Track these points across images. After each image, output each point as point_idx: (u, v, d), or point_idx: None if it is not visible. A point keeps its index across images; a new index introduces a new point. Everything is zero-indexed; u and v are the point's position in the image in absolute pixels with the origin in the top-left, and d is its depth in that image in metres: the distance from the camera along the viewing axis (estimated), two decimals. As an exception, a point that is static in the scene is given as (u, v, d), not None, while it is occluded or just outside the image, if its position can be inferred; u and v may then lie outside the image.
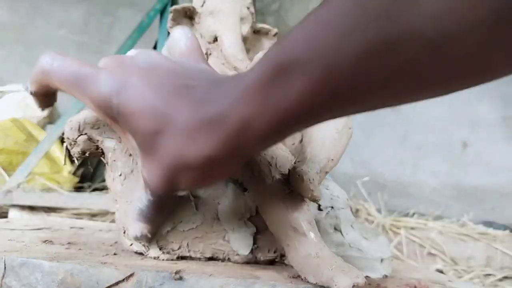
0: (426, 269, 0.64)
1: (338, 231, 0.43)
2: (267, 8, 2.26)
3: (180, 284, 0.32)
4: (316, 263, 0.33)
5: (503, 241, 1.31)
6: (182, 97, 0.29)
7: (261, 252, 0.41)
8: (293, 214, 0.37)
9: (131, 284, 0.32)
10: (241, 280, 0.32)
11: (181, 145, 0.29)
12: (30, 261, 0.33)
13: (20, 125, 1.62)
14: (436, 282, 0.45)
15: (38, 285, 0.32)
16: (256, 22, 0.54)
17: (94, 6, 2.19)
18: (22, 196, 1.18)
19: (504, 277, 1.21)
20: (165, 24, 1.48)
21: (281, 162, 0.39)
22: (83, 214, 1.27)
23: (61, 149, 1.57)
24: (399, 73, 0.23)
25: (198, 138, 0.28)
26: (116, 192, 0.40)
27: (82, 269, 0.32)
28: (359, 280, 0.30)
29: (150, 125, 0.29)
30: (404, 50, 0.22)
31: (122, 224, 0.40)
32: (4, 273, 0.33)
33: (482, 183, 1.93)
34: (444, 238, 1.32)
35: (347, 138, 0.43)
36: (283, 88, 0.25)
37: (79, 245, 0.42)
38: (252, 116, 0.27)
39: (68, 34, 2.17)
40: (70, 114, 1.29)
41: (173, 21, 0.51)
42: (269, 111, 0.26)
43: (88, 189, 1.59)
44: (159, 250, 0.39)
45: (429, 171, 2.01)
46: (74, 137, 0.41)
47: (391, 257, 0.43)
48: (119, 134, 0.34)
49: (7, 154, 1.51)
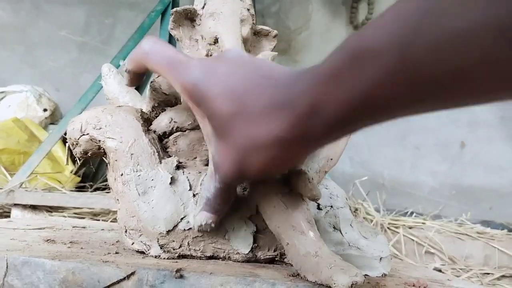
0: (424, 268, 0.64)
1: (337, 230, 0.43)
2: (267, 9, 2.26)
3: (181, 282, 0.33)
4: (316, 262, 0.34)
5: (501, 240, 1.31)
6: (262, 85, 0.31)
7: (261, 251, 0.41)
8: (292, 213, 0.37)
9: (132, 283, 0.33)
10: (241, 278, 0.33)
11: (254, 126, 0.30)
12: (32, 259, 0.33)
13: (22, 125, 1.62)
14: (435, 280, 0.45)
15: (40, 284, 0.33)
16: (256, 24, 0.54)
17: (95, 7, 2.19)
18: (24, 195, 1.18)
19: (502, 276, 1.21)
20: (166, 25, 1.48)
21: (280, 162, 0.40)
22: (85, 214, 1.28)
23: (63, 149, 1.57)
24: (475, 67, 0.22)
25: (270, 120, 0.30)
26: (118, 192, 0.40)
27: (84, 268, 0.33)
28: (358, 278, 0.30)
29: (228, 107, 0.31)
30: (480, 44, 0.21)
31: (124, 223, 0.40)
32: (6, 272, 0.33)
33: (480, 182, 1.93)
34: (442, 237, 1.32)
35: (346, 138, 0.43)
36: (355, 75, 0.25)
37: (81, 244, 0.43)
38: (321, 102, 0.27)
39: (69, 35, 2.17)
40: (72, 114, 1.29)
41: (174, 23, 0.51)
42: (339, 98, 0.27)
43: (90, 188, 1.59)
44: (160, 249, 0.39)
45: (427, 171, 2.01)
46: (76, 137, 0.41)
47: (390, 255, 0.43)
48: (198, 119, 0.36)
49: (9, 154, 1.52)
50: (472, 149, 1.98)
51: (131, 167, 0.39)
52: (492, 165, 1.92)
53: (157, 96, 0.43)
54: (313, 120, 0.28)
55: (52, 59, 2.15)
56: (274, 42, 0.55)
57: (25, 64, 2.13)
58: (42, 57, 2.14)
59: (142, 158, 0.40)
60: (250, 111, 0.31)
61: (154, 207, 0.39)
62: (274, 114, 0.30)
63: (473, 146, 1.98)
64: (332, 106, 0.27)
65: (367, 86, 0.25)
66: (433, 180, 2.00)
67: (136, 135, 0.40)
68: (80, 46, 2.17)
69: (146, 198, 0.39)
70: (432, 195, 1.98)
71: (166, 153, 0.43)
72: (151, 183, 0.39)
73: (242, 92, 0.31)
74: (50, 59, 2.15)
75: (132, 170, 0.39)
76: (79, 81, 2.06)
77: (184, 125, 0.42)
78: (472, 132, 1.98)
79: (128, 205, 0.39)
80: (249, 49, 0.53)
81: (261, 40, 0.55)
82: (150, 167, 0.40)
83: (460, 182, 1.96)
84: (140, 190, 0.39)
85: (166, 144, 0.43)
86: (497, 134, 1.95)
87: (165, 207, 0.39)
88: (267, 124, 0.30)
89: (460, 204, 1.89)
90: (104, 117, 0.41)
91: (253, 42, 0.54)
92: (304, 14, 2.23)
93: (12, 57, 2.12)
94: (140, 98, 0.50)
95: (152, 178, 0.39)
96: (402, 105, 0.26)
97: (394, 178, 2.02)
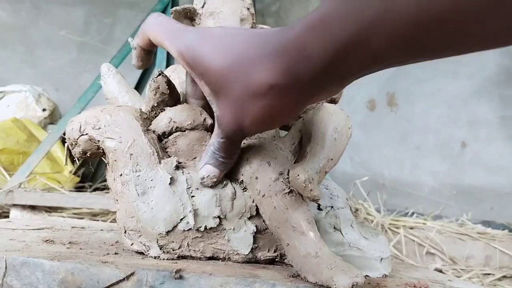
0: (425, 269, 0.64)
1: (338, 230, 0.43)
2: (267, 9, 2.26)
3: (181, 283, 0.32)
4: (316, 263, 0.33)
5: (502, 241, 1.31)
6: (253, 39, 0.32)
7: (261, 252, 0.41)
8: (292, 214, 0.37)
9: (131, 283, 0.32)
10: (241, 279, 0.32)
11: (247, 77, 0.31)
12: (31, 260, 0.33)
13: (21, 125, 1.62)
14: (436, 281, 0.45)
15: (39, 284, 0.33)
16: (256, 23, 0.54)
17: (95, 7, 2.19)
18: (24, 195, 1.18)
19: (503, 276, 1.21)
20: (165, 24, 1.48)
21: (281, 162, 0.39)
22: (84, 214, 1.28)
23: (62, 149, 1.57)
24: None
25: (262, 69, 0.31)
26: (117, 192, 0.40)
27: (83, 268, 0.32)
28: (359, 279, 0.30)
29: (220, 61, 0.32)
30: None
31: (123, 224, 0.40)
32: (5, 272, 0.33)
33: (480, 183, 1.93)
34: (443, 237, 1.32)
35: (346, 138, 0.43)
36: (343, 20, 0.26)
37: (80, 245, 0.42)
38: (310, 47, 0.28)
39: (69, 35, 2.17)
40: (71, 114, 1.29)
41: (174, 22, 0.51)
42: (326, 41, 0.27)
43: (89, 188, 1.59)
44: (160, 250, 0.39)
45: (428, 171, 2.01)
46: (76, 137, 0.41)
47: (391, 256, 0.43)
48: (198, 83, 0.37)
49: (8, 154, 1.52)
50: (472, 149, 1.98)
51: (131, 167, 0.39)
52: (492, 165, 1.92)
53: (157, 96, 0.43)
54: (303, 65, 0.29)
55: (52, 59, 2.15)
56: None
57: (25, 64, 2.13)
58: (42, 57, 2.14)
59: (142, 158, 0.39)
60: (243, 62, 0.32)
61: (154, 208, 0.38)
62: (266, 63, 0.31)
63: (473, 146, 1.98)
64: (321, 50, 0.28)
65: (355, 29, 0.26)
66: (434, 180, 2.00)
67: (136, 135, 0.40)
68: (79, 46, 2.17)
69: (145, 198, 0.39)
70: (433, 195, 1.98)
71: (165, 153, 0.42)
72: (151, 183, 0.39)
73: (234, 47, 0.32)
74: (50, 59, 2.15)
75: (131, 170, 0.39)
76: (78, 81, 2.06)
77: (183, 125, 0.42)
78: (472, 132, 1.98)
79: (127, 205, 0.39)
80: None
81: (261, 39, 0.55)
82: (149, 167, 0.39)
83: (460, 182, 1.96)
84: (139, 190, 0.39)
85: (165, 144, 0.43)
86: (497, 134, 1.94)
87: (164, 208, 0.38)
88: (260, 72, 0.31)
89: (460, 204, 1.89)
90: (103, 117, 0.41)
91: (253, 42, 0.54)
92: (304, 13, 2.22)
93: (12, 57, 2.13)
94: (139, 98, 0.49)
95: (151, 178, 0.39)
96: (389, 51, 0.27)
97: (394, 178, 2.02)
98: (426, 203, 1.89)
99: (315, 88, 0.31)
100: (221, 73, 0.33)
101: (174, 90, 0.44)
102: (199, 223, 0.39)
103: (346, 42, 0.27)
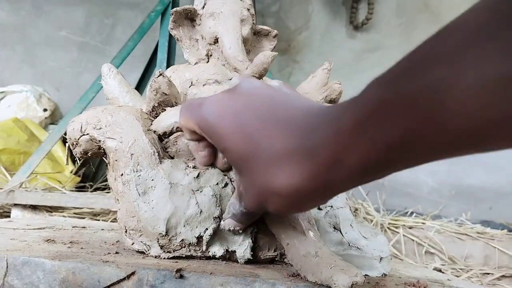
0: (424, 268, 0.64)
1: (337, 230, 0.43)
2: (267, 9, 2.26)
3: (181, 282, 0.33)
4: (316, 262, 0.34)
5: (501, 240, 1.31)
6: (277, 126, 0.30)
7: (261, 251, 0.41)
8: (292, 214, 0.37)
9: (132, 283, 0.33)
10: (241, 278, 0.33)
11: (271, 171, 0.29)
12: (32, 259, 0.33)
13: (22, 125, 1.62)
14: (435, 280, 0.45)
15: (40, 284, 0.33)
16: (256, 24, 0.54)
17: (95, 7, 2.19)
18: (24, 195, 1.18)
19: (502, 276, 1.21)
20: (166, 25, 1.48)
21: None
22: (85, 214, 1.28)
23: (63, 149, 1.57)
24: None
25: (288, 168, 0.28)
26: (118, 192, 0.40)
27: (84, 268, 0.33)
28: (358, 278, 0.30)
29: (241, 148, 0.31)
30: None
31: (124, 223, 0.40)
32: (7, 272, 0.33)
33: (480, 182, 1.93)
34: (442, 237, 1.32)
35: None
36: (382, 125, 0.24)
37: (81, 244, 0.43)
38: (345, 153, 0.26)
39: (69, 35, 2.17)
40: (72, 114, 1.29)
41: (174, 23, 0.51)
42: (364, 148, 0.25)
43: (90, 188, 1.59)
44: (160, 249, 0.39)
45: (427, 171, 2.01)
46: (76, 137, 0.41)
47: (390, 255, 0.43)
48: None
49: (9, 154, 1.52)
50: (472, 149, 1.97)
51: (131, 167, 0.39)
52: (492, 165, 1.92)
53: (157, 96, 0.43)
54: (336, 171, 0.27)
55: (52, 59, 2.15)
56: (274, 42, 0.56)
57: (25, 64, 2.13)
58: (42, 57, 2.14)
59: (142, 158, 0.40)
60: (266, 155, 0.29)
61: (154, 207, 0.38)
62: (292, 162, 0.28)
63: (473, 146, 1.97)
64: (356, 157, 0.25)
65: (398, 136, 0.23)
66: (433, 180, 2.00)
67: (136, 135, 0.40)
68: (80, 46, 2.17)
69: (146, 198, 0.39)
70: (432, 195, 1.98)
71: (166, 153, 0.43)
72: (151, 183, 0.39)
73: (255, 133, 0.30)
74: (50, 59, 2.15)
75: (132, 170, 0.39)
76: (79, 81, 2.06)
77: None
78: (472, 132, 1.97)
79: (128, 205, 0.39)
80: (249, 49, 0.53)
81: (261, 40, 0.55)
82: (150, 167, 0.40)
83: (460, 182, 1.96)
84: (140, 190, 0.39)
85: (166, 144, 0.43)
86: (497, 134, 1.94)
87: (165, 207, 0.38)
88: (285, 171, 0.29)
89: (460, 204, 1.89)
90: (104, 117, 0.41)
91: (253, 42, 0.54)
92: (304, 14, 2.23)
93: (12, 57, 2.12)
94: (140, 98, 0.50)
95: (152, 178, 0.39)
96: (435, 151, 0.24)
97: (394, 178, 2.01)
98: (425, 202, 1.89)
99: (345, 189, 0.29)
100: (242, 159, 0.31)
101: (175, 91, 0.44)
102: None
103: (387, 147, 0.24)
